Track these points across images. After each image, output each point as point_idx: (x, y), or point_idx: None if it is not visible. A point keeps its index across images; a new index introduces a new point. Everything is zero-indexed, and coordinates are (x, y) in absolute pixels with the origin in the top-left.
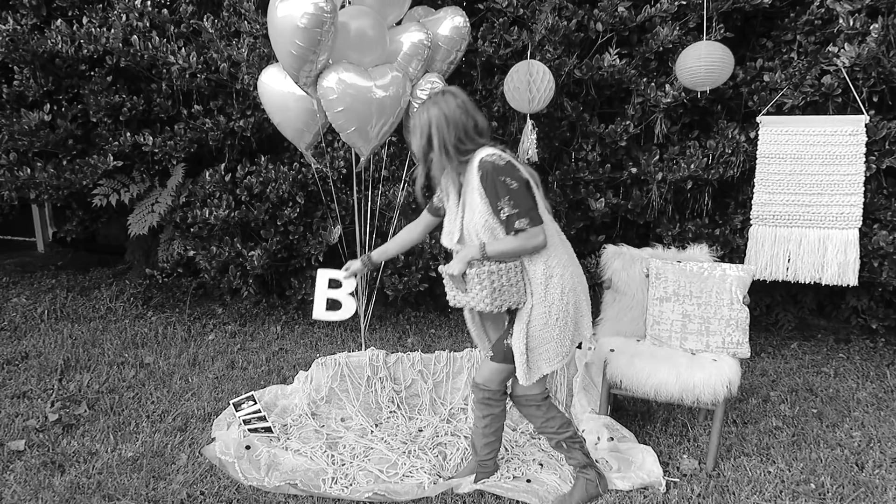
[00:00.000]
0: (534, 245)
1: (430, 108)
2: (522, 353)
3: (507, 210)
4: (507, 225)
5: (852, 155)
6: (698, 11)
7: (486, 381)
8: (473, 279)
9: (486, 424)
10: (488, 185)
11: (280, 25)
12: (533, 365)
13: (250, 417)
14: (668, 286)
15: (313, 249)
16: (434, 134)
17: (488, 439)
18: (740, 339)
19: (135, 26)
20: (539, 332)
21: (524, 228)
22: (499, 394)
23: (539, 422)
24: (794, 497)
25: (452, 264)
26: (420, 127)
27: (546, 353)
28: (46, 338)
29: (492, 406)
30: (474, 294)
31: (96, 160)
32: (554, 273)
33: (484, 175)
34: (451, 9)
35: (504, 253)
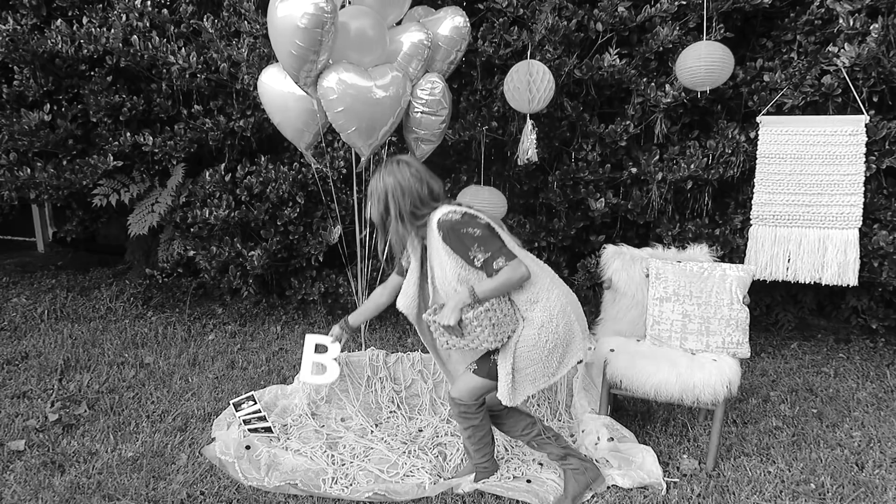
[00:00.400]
0: (519, 276)
1: (385, 177)
2: (508, 372)
3: (480, 257)
4: (487, 269)
5: (852, 155)
6: (698, 11)
7: (461, 394)
8: (472, 322)
9: (470, 435)
10: (453, 241)
11: (280, 25)
12: (518, 385)
13: (250, 417)
14: (668, 286)
15: (313, 249)
16: (391, 203)
17: (477, 446)
18: (740, 339)
19: (135, 26)
20: (527, 353)
21: (503, 266)
22: (474, 406)
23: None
24: (794, 497)
25: (446, 314)
26: (377, 195)
27: (532, 374)
28: (46, 338)
29: (470, 418)
30: (476, 335)
31: (96, 160)
32: (539, 297)
33: (445, 234)
34: (451, 9)
35: (494, 291)
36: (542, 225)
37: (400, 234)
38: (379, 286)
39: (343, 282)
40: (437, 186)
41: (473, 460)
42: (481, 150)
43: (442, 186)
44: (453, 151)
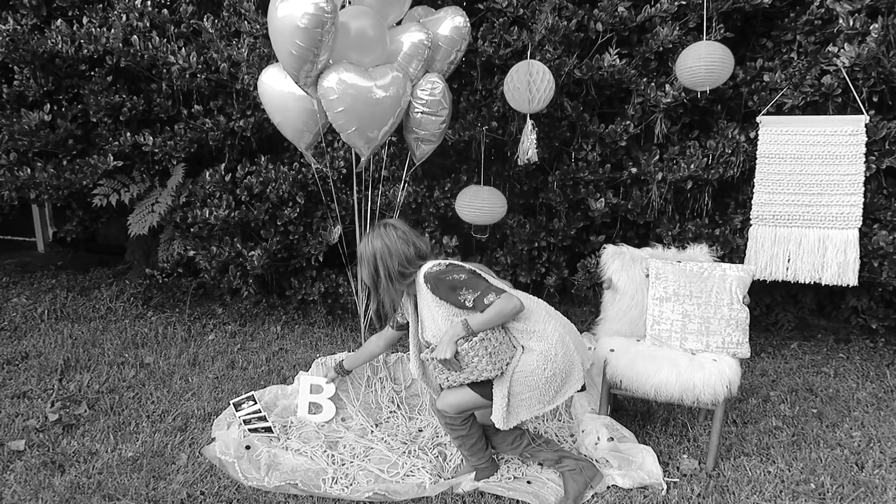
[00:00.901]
0: (512, 308)
1: (374, 241)
2: (504, 396)
3: (470, 297)
4: (478, 307)
5: (852, 155)
6: (698, 11)
7: (446, 407)
8: (468, 353)
9: (460, 444)
10: (441, 290)
11: (280, 25)
12: (513, 410)
13: (250, 417)
14: (668, 286)
15: (313, 249)
16: (380, 265)
17: (471, 451)
18: (740, 339)
19: (135, 26)
20: (524, 378)
21: (494, 301)
22: (459, 420)
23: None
24: (794, 497)
25: (441, 348)
26: (366, 259)
27: (528, 400)
28: (46, 338)
29: (456, 429)
30: (474, 366)
31: (96, 160)
32: (536, 328)
33: (434, 286)
34: (452, 9)
35: (487, 322)
36: (542, 225)
37: (391, 293)
38: (374, 335)
39: (343, 282)
40: (424, 245)
41: (471, 463)
42: (481, 150)
43: (429, 245)
44: (453, 151)
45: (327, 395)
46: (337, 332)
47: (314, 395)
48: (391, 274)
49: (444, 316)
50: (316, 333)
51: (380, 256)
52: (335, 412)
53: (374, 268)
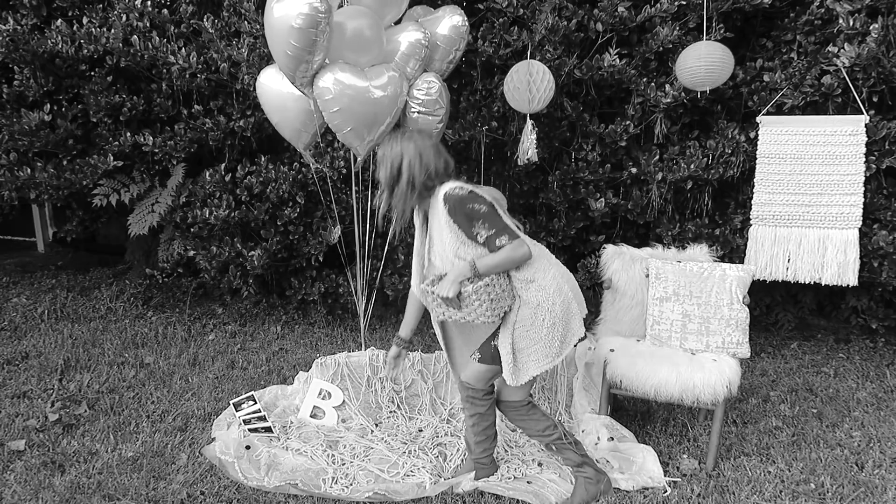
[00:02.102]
0: (521, 255)
1: (404, 142)
2: (509, 353)
3: (484, 233)
4: (489, 245)
5: (852, 155)
6: (698, 11)
7: (470, 378)
8: (471, 296)
9: (474, 423)
10: (458, 215)
11: (276, 26)
12: (521, 366)
13: (250, 417)
14: (668, 286)
15: (313, 249)
16: (405, 168)
17: (479, 438)
18: (740, 339)
19: (135, 26)
20: (526, 333)
21: (505, 244)
22: (482, 392)
23: (523, 425)
24: (793, 497)
25: (445, 286)
26: (391, 158)
27: (534, 354)
28: (46, 338)
29: (476, 404)
30: (473, 309)
31: (96, 160)
32: (535, 277)
33: (452, 208)
34: (450, 8)
35: (495, 267)
36: (542, 225)
37: (406, 202)
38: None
39: (343, 282)
40: (452, 163)
41: (473, 454)
42: (481, 150)
43: (454, 166)
44: (453, 151)
45: (334, 403)
46: (337, 332)
47: (321, 399)
48: (414, 182)
49: (452, 241)
50: (316, 333)
51: (408, 160)
52: (337, 420)
53: (397, 171)
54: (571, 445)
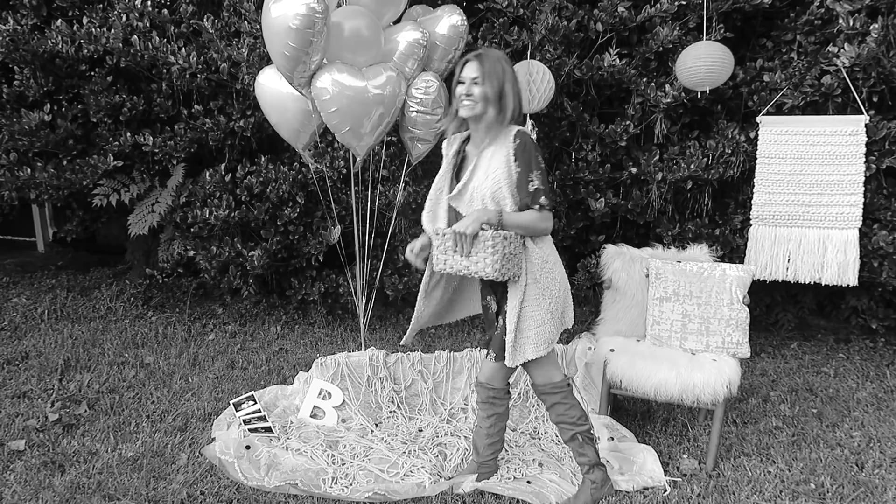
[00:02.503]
0: (544, 227)
1: (508, 66)
2: (513, 331)
3: (536, 183)
4: (533, 197)
5: (852, 155)
6: (698, 11)
7: (490, 378)
8: (487, 242)
9: (491, 424)
10: (524, 155)
11: (273, 26)
12: (518, 347)
13: (250, 417)
14: (668, 286)
15: (313, 249)
16: (508, 91)
17: (492, 439)
18: (740, 339)
19: (135, 26)
20: (531, 313)
21: (546, 206)
22: (503, 392)
23: (562, 409)
24: (794, 497)
25: (466, 222)
26: (497, 76)
27: (533, 338)
28: (46, 338)
29: (496, 405)
30: (481, 258)
31: (96, 160)
32: (549, 259)
33: (522, 145)
34: (449, 7)
35: (519, 226)
36: None
37: (495, 123)
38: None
39: (343, 282)
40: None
41: (480, 457)
42: None
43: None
44: None
45: (334, 403)
46: (337, 332)
47: (321, 399)
48: (510, 106)
49: (499, 179)
50: (316, 333)
51: (511, 84)
52: (337, 420)
53: (500, 89)
54: (593, 443)
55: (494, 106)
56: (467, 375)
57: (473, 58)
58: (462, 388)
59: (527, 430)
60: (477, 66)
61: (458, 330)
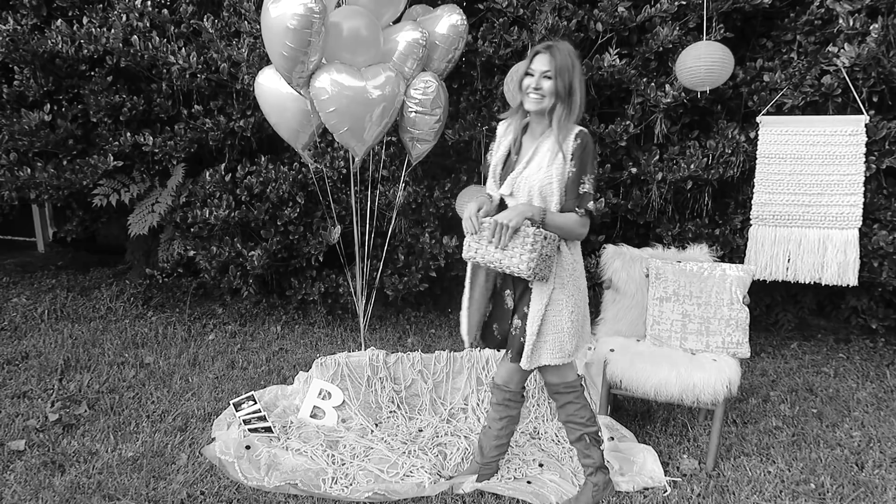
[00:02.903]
0: (581, 232)
1: (576, 60)
2: (534, 333)
3: (587, 187)
4: (581, 200)
5: (852, 155)
6: (698, 11)
7: (507, 381)
8: (527, 238)
9: (503, 426)
10: (582, 156)
11: (272, 26)
12: (536, 350)
13: (250, 417)
14: (668, 286)
15: (313, 249)
16: (577, 87)
17: (500, 441)
18: (740, 339)
19: (135, 26)
20: (552, 318)
21: (590, 211)
22: (519, 395)
23: (573, 409)
24: (793, 497)
25: (509, 214)
26: (568, 71)
27: (551, 343)
28: (46, 338)
29: (510, 407)
30: (516, 253)
31: (96, 160)
32: (577, 268)
33: (583, 146)
34: (449, 7)
35: (559, 227)
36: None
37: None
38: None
39: (343, 282)
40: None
41: (484, 458)
42: (481, 150)
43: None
44: (453, 151)
45: (334, 403)
46: (337, 332)
47: (321, 399)
48: (578, 103)
49: (552, 174)
50: (316, 333)
51: (579, 81)
52: (337, 420)
53: (569, 85)
54: (600, 446)
55: (563, 102)
56: (467, 375)
57: (545, 49)
58: (462, 388)
59: (527, 430)
60: (549, 59)
61: (457, 330)
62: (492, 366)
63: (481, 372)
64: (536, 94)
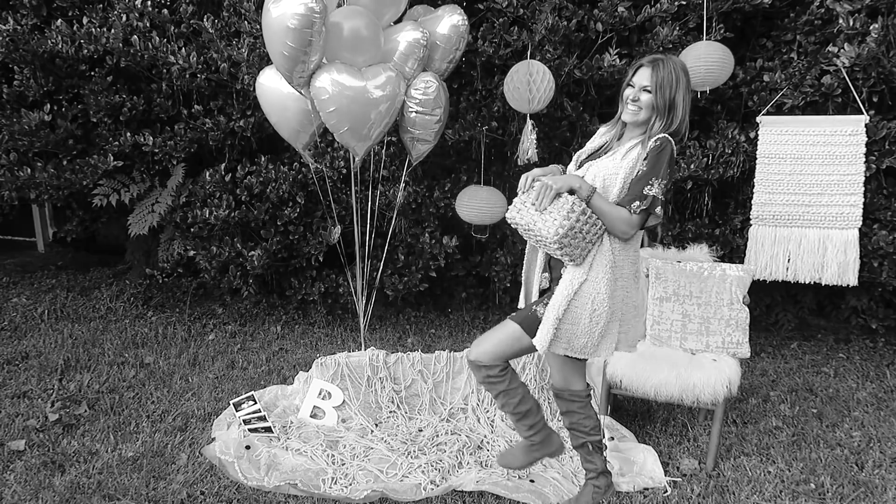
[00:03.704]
0: (622, 228)
1: (682, 75)
2: (557, 317)
3: (655, 190)
4: (643, 200)
5: (852, 155)
6: (698, 11)
7: (480, 355)
8: (565, 206)
9: (503, 403)
10: (657, 158)
11: (273, 26)
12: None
13: (250, 417)
14: (668, 286)
15: (313, 249)
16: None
17: (517, 415)
18: (740, 339)
19: (135, 26)
20: (574, 307)
21: (647, 214)
22: (497, 369)
23: (577, 417)
24: (793, 497)
25: (556, 178)
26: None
27: (568, 336)
28: (46, 338)
29: (496, 383)
30: (551, 220)
31: (96, 160)
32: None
33: (660, 148)
34: (449, 7)
35: (602, 211)
36: None
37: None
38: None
39: (343, 282)
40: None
41: (521, 434)
42: (481, 150)
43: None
44: (453, 151)
45: (334, 403)
46: (337, 332)
47: (321, 399)
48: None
49: (620, 168)
50: (316, 333)
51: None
52: (337, 420)
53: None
54: (602, 452)
55: (662, 117)
56: (467, 375)
57: (648, 64)
58: (462, 388)
59: None
60: (650, 73)
61: (457, 330)
62: None
63: None
64: (634, 105)
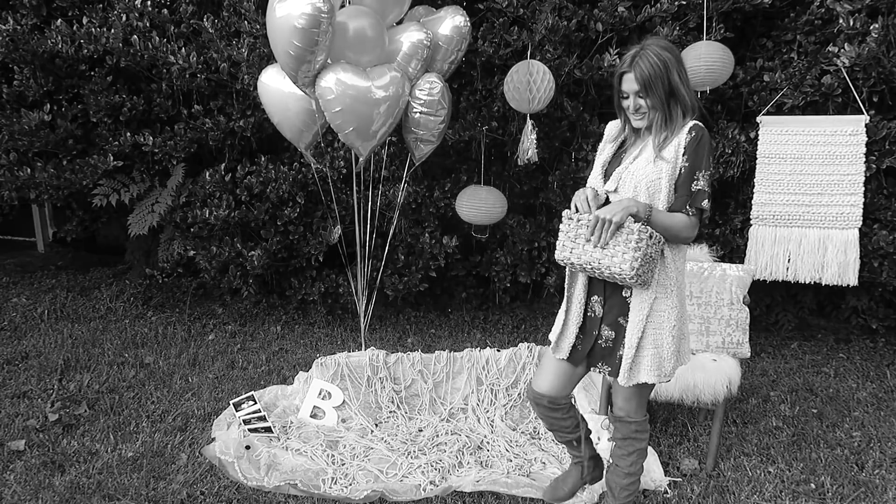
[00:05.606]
0: (688, 235)
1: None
2: (633, 346)
3: (701, 184)
4: (694, 199)
5: (852, 155)
6: (698, 11)
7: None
8: (630, 234)
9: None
10: (697, 150)
11: (278, 25)
12: (635, 365)
13: (250, 417)
14: None
15: (313, 249)
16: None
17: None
18: (740, 339)
19: (135, 26)
20: (653, 331)
21: (703, 210)
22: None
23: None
24: (794, 497)
25: (612, 209)
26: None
27: (648, 360)
28: (46, 338)
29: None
30: (619, 253)
31: (96, 160)
32: (680, 279)
33: (697, 139)
34: (452, 8)
35: (666, 227)
36: (542, 225)
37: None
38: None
39: (343, 282)
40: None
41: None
42: (481, 150)
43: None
44: (453, 151)
45: (334, 403)
46: (337, 332)
47: (321, 399)
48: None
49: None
50: (316, 333)
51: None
52: (337, 420)
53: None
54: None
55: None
56: (467, 375)
57: (628, 68)
58: (462, 388)
59: (527, 430)
60: (634, 77)
61: (458, 330)
62: (491, 366)
63: (481, 372)
64: (639, 113)
